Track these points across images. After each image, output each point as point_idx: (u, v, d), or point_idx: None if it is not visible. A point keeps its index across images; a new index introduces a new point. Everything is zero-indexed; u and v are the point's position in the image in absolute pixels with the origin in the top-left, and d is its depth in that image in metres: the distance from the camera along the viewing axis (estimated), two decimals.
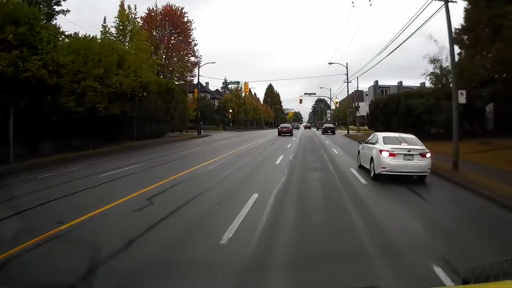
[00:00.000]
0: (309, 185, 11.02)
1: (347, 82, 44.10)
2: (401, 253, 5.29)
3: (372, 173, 11.61)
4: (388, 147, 11.19)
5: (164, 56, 45.33)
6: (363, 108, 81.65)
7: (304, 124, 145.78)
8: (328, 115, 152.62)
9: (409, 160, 10.89)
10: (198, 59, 48.09)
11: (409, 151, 10.95)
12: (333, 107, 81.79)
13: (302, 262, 5.01)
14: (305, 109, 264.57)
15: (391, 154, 10.90)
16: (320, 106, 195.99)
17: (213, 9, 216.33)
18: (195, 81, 51.73)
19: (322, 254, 5.25)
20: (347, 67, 44.49)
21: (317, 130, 74.41)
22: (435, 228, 6.83)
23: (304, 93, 62.88)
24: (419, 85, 75.46)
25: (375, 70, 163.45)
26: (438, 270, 4.55)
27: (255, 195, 8.81)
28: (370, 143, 12.84)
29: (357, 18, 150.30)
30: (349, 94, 45.75)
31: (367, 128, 50.40)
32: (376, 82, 71.11)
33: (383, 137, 12.03)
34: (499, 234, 6.59)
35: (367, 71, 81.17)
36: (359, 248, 5.48)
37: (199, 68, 46.92)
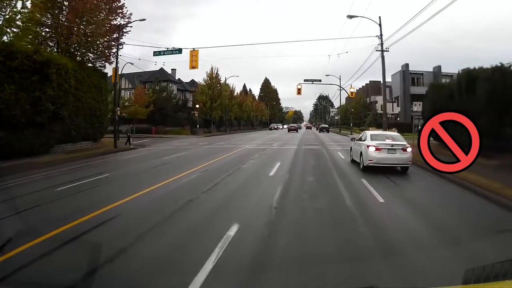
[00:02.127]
0: None
1: (381, 50, 24.29)
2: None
3: (362, 165, 13.14)
4: (374, 143, 12.67)
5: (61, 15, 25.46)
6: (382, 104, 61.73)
7: (305, 123, 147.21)
8: (333, 113, 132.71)
9: (392, 153, 12.39)
10: (127, 19, 28.00)
11: (392, 146, 12.46)
12: (344, 98, 61.97)
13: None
14: (306, 108, 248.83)
15: (377, 149, 12.37)
16: (323, 104, 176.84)
17: (212, 7, 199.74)
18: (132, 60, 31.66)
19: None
20: (380, 25, 24.67)
21: (316, 130, 78.25)
22: None
23: (304, 80, 43.01)
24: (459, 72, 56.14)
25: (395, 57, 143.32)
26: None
27: None
28: (361, 140, 14.15)
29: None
30: (384, 71, 25.40)
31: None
32: (406, 66, 51.03)
33: (371, 135, 13.88)
34: None
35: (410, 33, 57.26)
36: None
37: (119, 32, 26.99)
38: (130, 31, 28.15)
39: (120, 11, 27.59)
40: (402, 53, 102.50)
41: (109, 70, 32.34)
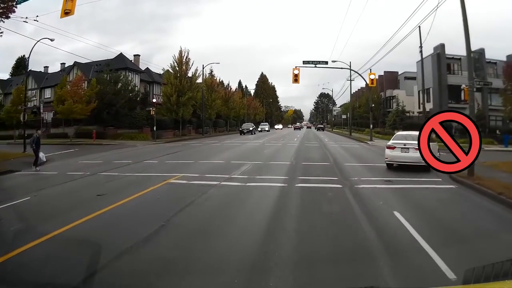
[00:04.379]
0: None
1: None
2: None
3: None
4: (391, 142, 13.69)
5: None
6: (404, 99, 48.13)
7: (305, 123, 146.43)
8: (336, 112, 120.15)
9: (405, 152, 12.88)
10: None
11: (404, 145, 12.94)
12: (349, 95, 48.73)
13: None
14: (306, 107, 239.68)
15: (391, 148, 13.30)
16: (325, 102, 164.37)
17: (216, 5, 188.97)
18: None
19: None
20: None
21: (315, 129, 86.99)
22: None
23: (304, 62, 29.97)
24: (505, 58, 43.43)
25: (394, 57, 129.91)
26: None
27: None
28: None
29: None
30: (467, 24, 12.77)
31: None
32: (441, 47, 37.79)
33: (395, 135, 14.90)
34: None
35: None
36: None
37: None
38: None
39: None
40: (400, 53, 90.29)
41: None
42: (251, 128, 51.20)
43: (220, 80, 65.27)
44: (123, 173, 12.86)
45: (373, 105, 33.82)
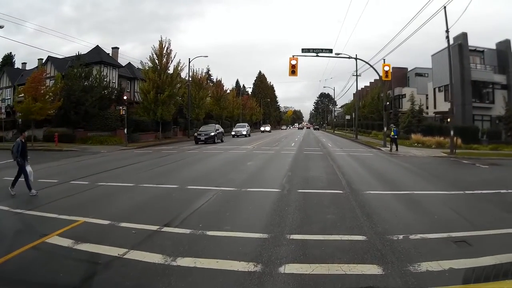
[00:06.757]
0: None
1: None
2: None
3: None
4: None
5: None
6: (415, 97, 42.77)
7: (304, 124, 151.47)
8: (337, 112, 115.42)
9: None
10: None
11: None
12: (352, 94, 43.63)
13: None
14: (306, 108, 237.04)
15: None
16: (325, 102, 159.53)
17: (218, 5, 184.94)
18: None
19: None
20: None
21: (313, 129, 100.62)
22: None
23: (303, 50, 24.69)
24: None
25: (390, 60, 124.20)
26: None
27: None
28: None
29: None
30: None
31: None
32: (464, 37, 32.32)
33: None
34: None
35: None
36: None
37: None
38: None
39: None
40: (400, 55, 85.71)
41: None
42: (212, 134, 32.13)
43: (217, 79, 60.61)
44: (14, 209, 7.82)
45: (387, 102, 28.51)
